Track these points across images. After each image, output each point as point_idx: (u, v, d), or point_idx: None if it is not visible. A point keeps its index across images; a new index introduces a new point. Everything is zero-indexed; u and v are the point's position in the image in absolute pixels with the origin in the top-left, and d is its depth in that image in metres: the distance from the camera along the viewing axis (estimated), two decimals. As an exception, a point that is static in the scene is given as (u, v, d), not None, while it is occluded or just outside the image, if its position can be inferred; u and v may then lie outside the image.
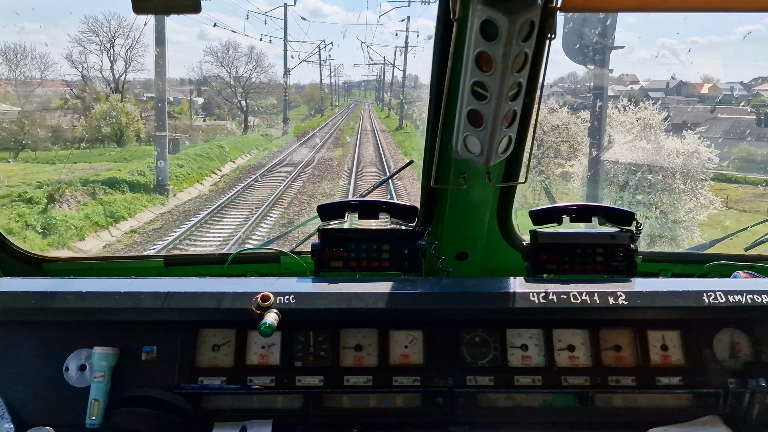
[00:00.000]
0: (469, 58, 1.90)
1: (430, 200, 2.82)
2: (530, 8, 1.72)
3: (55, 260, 3.10)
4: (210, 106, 50.01)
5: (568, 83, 49.25)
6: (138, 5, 1.77)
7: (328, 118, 64.28)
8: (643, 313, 2.30)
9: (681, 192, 18.45)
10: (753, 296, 2.29)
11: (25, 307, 2.23)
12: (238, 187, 23.19)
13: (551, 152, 23.43)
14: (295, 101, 66.39)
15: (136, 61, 39.00)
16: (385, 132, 49.29)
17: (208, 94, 50.62)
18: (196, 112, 47.47)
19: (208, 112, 49.39)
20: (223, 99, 49.14)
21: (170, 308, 2.21)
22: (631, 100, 21.86)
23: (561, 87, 47.75)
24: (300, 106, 69.69)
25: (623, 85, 45.51)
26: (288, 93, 48.88)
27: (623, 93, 38.54)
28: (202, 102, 51.53)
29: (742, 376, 2.26)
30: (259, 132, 44.62)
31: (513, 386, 2.24)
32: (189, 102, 48.17)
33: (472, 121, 2.05)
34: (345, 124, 57.52)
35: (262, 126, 48.32)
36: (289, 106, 62.58)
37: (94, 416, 2.11)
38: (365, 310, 2.24)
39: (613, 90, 43.93)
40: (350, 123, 59.35)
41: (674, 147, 18.89)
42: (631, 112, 20.38)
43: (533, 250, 2.61)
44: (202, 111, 49.50)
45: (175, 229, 17.57)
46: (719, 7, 1.97)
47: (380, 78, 79.28)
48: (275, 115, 51.99)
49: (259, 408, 2.19)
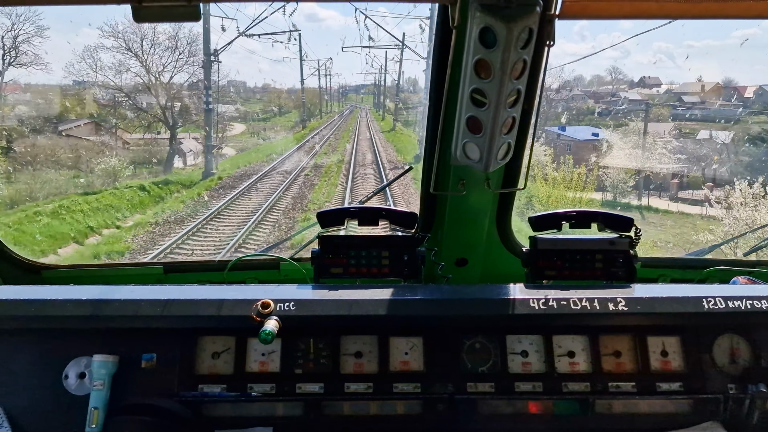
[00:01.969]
0: (467, 65, 1.91)
1: (429, 206, 2.83)
2: (529, 15, 1.74)
3: (54, 267, 3.10)
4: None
5: (580, 86, 46.57)
6: (138, 14, 1.78)
7: (307, 134, 46.36)
8: (643, 319, 2.30)
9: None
10: (752, 302, 2.29)
11: (25, 314, 2.22)
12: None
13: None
14: (286, 106, 59.89)
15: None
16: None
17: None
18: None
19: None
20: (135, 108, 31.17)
21: (170, 315, 2.20)
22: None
23: (582, 91, 45.27)
24: (291, 112, 58.76)
25: (647, 88, 43.97)
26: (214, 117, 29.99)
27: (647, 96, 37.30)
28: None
29: (741, 382, 2.26)
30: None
31: (513, 393, 2.24)
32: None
33: (471, 128, 2.06)
34: (330, 146, 40.05)
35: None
36: (280, 111, 56.97)
37: (93, 424, 2.10)
38: (365, 317, 2.24)
39: (640, 93, 41.54)
40: (339, 143, 42.27)
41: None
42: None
43: (533, 256, 2.61)
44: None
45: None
46: (715, 14, 1.99)
47: (377, 83, 74.70)
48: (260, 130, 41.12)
49: (259, 415, 2.19)
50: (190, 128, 33.51)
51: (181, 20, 1.85)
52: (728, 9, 1.98)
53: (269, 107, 57.90)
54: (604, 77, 48.89)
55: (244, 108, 52.84)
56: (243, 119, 48.93)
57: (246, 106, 54.35)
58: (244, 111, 51.38)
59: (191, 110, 33.71)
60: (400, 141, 41.88)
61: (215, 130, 31.48)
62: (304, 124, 52.37)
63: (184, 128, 32.91)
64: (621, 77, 48.25)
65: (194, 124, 33.34)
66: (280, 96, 59.89)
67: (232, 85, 56.48)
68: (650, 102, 35.63)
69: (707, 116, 31.62)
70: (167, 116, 31.28)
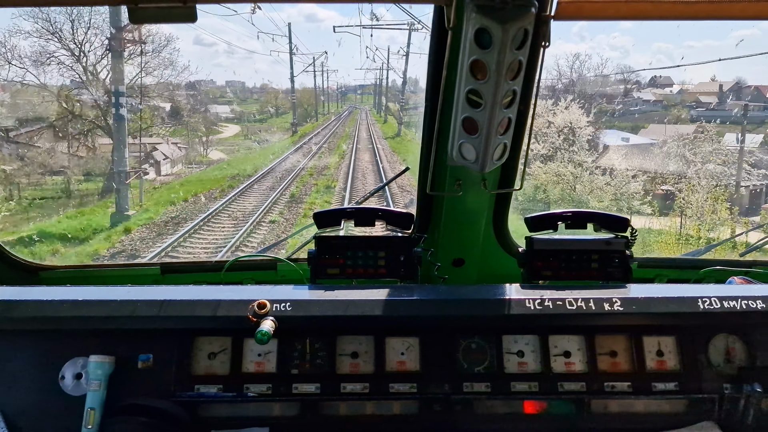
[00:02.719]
0: (463, 66, 1.91)
1: (426, 207, 2.83)
2: (524, 16, 1.74)
3: (51, 268, 3.10)
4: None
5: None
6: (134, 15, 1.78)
7: (297, 140, 39.28)
8: (639, 319, 2.30)
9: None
10: (748, 302, 2.30)
11: (21, 315, 2.22)
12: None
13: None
14: (283, 107, 55.99)
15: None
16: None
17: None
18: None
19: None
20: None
21: (166, 316, 2.20)
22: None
23: (594, 91, 41.75)
24: (288, 113, 54.17)
25: (659, 88, 42.43)
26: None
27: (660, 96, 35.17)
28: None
29: (737, 382, 2.27)
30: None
31: (509, 393, 2.25)
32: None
33: (467, 129, 2.06)
34: (317, 167, 28.39)
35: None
36: (277, 112, 53.20)
37: (90, 425, 2.10)
38: (362, 318, 2.24)
39: (654, 94, 39.97)
40: (331, 157, 32.31)
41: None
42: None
43: (529, 256, 2.61)
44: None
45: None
46: (710, 15, 1.99)
47: (378, 81, 70.88)
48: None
49: (255, 416, 2.19)
50: (167, 132, 28.59)
51: (177, 21, 1.85)
52: (724, 10, 1.99)
53: (266, 108, 56.15)
54: (610, 77, 47.19)
55: (241, 108, 51.12)
56: (239, 120, 47.07)
57: (242, 106, 52.60)
58: (240, 112, 49.69)
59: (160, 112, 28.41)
60: (407, 150, 33.30)
61: (206, 132, 27.39)
62: (295, 129, 46.51)
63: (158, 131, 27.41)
64: (633, 77, 45.51)
65: (167, 127, 28.40)
66: (276, 96, 58.03)
67: (230, 86, 55.39)
68: (665, 103, 34.01)
69: (726, 117, 28.06)
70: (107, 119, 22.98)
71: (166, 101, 30.08)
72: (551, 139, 22.31)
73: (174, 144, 29.03)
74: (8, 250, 2.98)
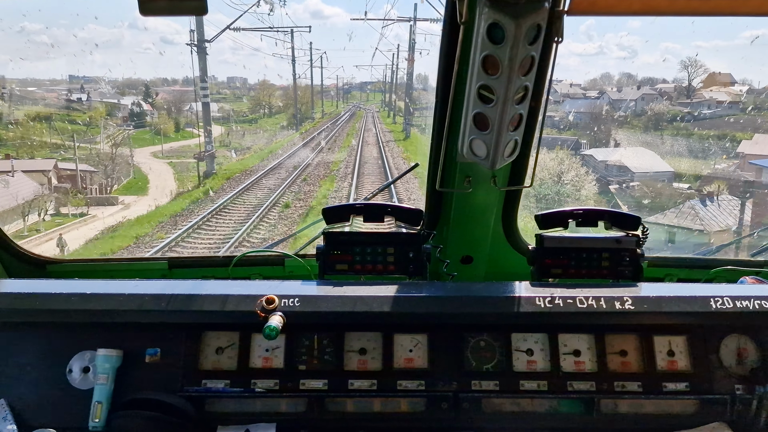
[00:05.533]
0: (475, 61, 1.89)
1: (435, 204, 2.82)
2: (537, 12, 1.72)
3: (58, 262, 3.10)
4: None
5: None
6: (144, 6, 1.77)
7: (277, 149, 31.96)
8: (650, 318, 2.28)
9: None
10: (760, 302, 2.27)
11: (29, 308, 2.23)
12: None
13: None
14: (276, 105, 53.34)
15: None
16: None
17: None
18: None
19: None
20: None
21: (174, 310, 2.20)
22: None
23: (654, 89, 39.78)
24: (282, 113, 52.03)
25: (725, 86, 38.54)
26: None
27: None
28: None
29: (749, 383, 2.25)
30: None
31: (518, 391, 2.23)
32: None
33: (478, 125, 2.04)
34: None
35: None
36: (270, 111, 49.16)
37: (97, 419, 2.10)
38: (370, 314, 2.24)
39: (729, 93, 35.56)
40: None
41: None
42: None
43: (539, 254, 2.60)
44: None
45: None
46: (727, 11, 1.96)
47: (384, 80, 66.89)
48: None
49: (262, 411, 2.19)
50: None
51: (188, 14, 1.85)
52: (739, 6, 1.95)
53: (259, 106, 52.10)
54: (657, 78, 41.51)
55: (230, 107, 47.51)
56: (225, 120, 42.70)
57: (234, 104, 49.34)
58: (228, 110, 45.88)
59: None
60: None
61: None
62: (297, 127, 42.42)
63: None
64: (692, 74, 40.38)
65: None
66: (271, 94, 54.56)
67: (232, 81, 53.80)
68: (743, 104, 28.06)
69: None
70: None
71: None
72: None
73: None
74: (16, 243, 2.99)
